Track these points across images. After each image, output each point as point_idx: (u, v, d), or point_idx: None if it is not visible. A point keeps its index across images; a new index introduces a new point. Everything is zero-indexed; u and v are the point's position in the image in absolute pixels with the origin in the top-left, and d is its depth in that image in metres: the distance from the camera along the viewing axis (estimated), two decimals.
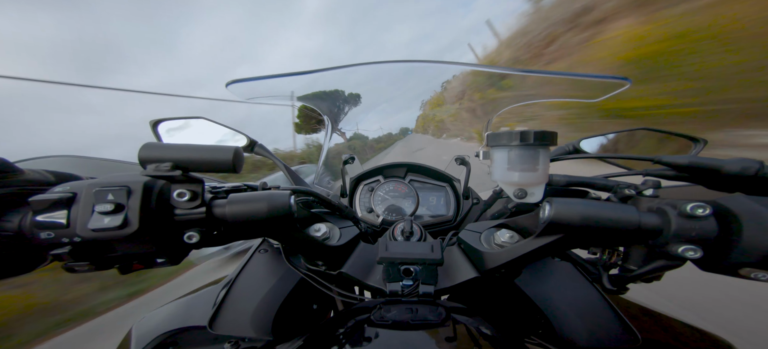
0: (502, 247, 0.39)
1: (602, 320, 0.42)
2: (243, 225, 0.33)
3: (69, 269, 0.28)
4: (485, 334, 0.31)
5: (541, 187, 0.37)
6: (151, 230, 0.28)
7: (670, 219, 0.27)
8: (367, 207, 0.75)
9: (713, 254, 0.26)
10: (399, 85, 0.89)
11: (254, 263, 0.55)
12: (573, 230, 0.29)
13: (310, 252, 0.40)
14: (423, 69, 0.83)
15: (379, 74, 0.72)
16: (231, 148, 0.30)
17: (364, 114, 0.99)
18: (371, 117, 1.04)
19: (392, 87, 0.90)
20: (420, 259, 0.38)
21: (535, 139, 0.34)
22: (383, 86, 0.88)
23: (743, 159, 0.33)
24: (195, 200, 0.31)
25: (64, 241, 0.27)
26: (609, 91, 0.67)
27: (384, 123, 1.11)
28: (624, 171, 0.51)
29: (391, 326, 0.30)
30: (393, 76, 0.80)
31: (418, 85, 0.94)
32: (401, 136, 1.22)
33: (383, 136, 1.16)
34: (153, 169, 0.29)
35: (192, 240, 0.31)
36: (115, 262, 0.30)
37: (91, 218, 0.26)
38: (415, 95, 1.02)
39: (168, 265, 0.32)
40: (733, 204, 0.26)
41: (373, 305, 0.34)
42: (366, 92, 0.89)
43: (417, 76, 0.87)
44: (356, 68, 0.76)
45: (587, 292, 0.46)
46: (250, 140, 0.75)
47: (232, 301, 0.47)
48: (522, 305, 0.46)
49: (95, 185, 0.27)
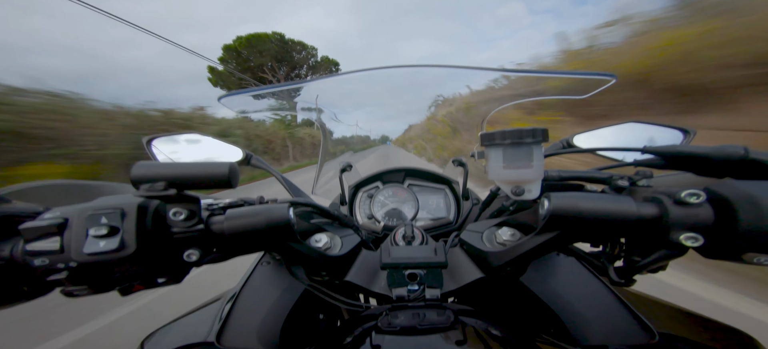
0: (504, 245, 0.39)
1: (614, 315, 0.41)
2: (242, 240, 0.33)
3: (67, 294, 0.28)
4: (495, 335, 0.31)
5: (538, 183, 0.38)
6: (149, 251, 0.28)
7: (667, 207, 0.27)
8: (367, 214, 0.75)
9: (714, 241, 0.27)
10: (394, 94, 0.90)
11: (257, 276, 0.54)
12: (573, 222, 0.30)
13: (312, 263, 0.39)
14: (419, 88, 0.84)
15: (377, 78, 0.73)
16: (225, 163, 0.30)
17: (352, 110, 0.99)
18: (357, 114, 1.03)
19: (387, 93, 0.90)
20: (424, 262, 0.38)
21: (527, 135, 0.34)
22: (380, 91, 0.88)
23: (728, 145, 0.34)
24: (192, 218, 0.31)
25: (59, 266, 0.26)
26: (595, 87, 0.69)
27: (366, 124, 1.11)
28: (616, 163, 0.52)
29: (400, 332, 0.30)
30: (390, 83, 0.80)
31: (411, 100, 0.94)
32: (379, 143, 1.22)
33: (362, 137, 1.16)
34: (146, 190, 0.29)
35: (192, 258, 0.30)
36: (115, 284, 0.29)
37: (86, 242, 0.26)
38: (406, 110, 1.03)
39: (169, 284, 0.31)
40: (724, 189, 0.27)
41: (379, 311, 0.34)
42: (359, 91, 0.88)
43: (412, 92, 0.88)
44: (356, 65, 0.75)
45: (595, 286, 0.45)
46: (246, 154, 0.74)
47: (237, 315, 0.47)
48: (530, 304, 0.46)
49: (87, 209, 0.27)
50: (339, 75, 0.73)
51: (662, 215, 0.28)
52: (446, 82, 0.86)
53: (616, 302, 0.43)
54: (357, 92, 0.89)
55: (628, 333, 0.39)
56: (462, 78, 0.83)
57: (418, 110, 1.03)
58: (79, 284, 0.27)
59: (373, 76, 0.71)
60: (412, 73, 0.76)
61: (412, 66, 0.72)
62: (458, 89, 0.93)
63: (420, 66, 0.73)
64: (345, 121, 1.02)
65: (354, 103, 0.97)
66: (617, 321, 0.40)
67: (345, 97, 0.92)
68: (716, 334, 0.41)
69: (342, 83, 0.81)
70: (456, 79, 0.84)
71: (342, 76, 0.73)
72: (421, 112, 1.04)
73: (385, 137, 1.22)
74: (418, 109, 1.03)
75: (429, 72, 0.76)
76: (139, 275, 0.29)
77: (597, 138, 0.70)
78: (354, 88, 0.86)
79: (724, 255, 0.27)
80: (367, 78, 0.71)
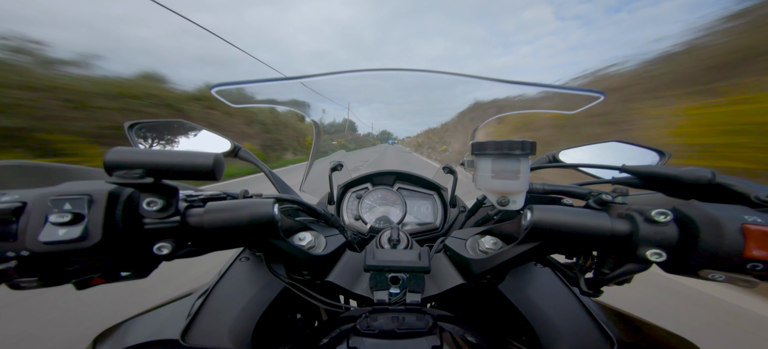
0: (486, 253, 0.40)
1: (580, 325, 0.43)
2: (222, 235, 0.32)
3: (13, 286, 0.25)
4: (471, 342, 0.31)
5: (523, 194, 0.38)
6: (115, 243, 0.26)
7: (638, 224, 0.29)
8: (354, 214, 0.75)
9: (676, 258, 0.28)
10: (402, 93, 0.89)
11: (234, 271, 0.53)
12: (553, 235, 0.31)
13: (294, 262, 0.39)
14: (425, 91, 0.84)
15: (382, 75, 0.72)
16: (210, 154, 0.28)
17: (356, 105, 0.98)
18: (362, 110, 1.02)
19: (394, 92, 0.90)
20: (407, 267, 0.39)
21: (516, 147, 0.35)
22: (388, 88, 0.88)
23: (697, 168, 0.36)
24: (167, 209, 0.29)
25: (8, 255, 0.24)
26: (585, 104, 0.72)
27: (369, 120, 1.10)
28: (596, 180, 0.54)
29: (378, 335, 0.30)
30: (397, 82, 0.80)
31: (417, 101, 0.94)
32: (378, 141, 1.20)
33: (363, 135, 1.15)
34: (120, 176, 0.27)
35: (163, 251, 0.29)
36: (71, 276, 0.27)
37: (43, 229, 0.24)
38: (411, 110, 1.02)
39: (134, 278, 0.29)
40: (689, 210, 0.28)
41: (359, 313, 0.34)
42: (363, 87, 0.87)
43: (419, 93, 0.88)
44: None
45: (566, 296, 0.47)
46: (234, 145, 0.73)
47: (208, 311, 0.45)
48: (506, 311, 0.47)
49: (50, 194, 0.25)
50: (338, 74, 0.72)
51: (632, 231, 0.29)
52: (455, 86, 0.86)
53: (583, 312, 0.45)
54: (361, 88, 0.88)
55: (591, 342, 0.41)
56: (467, 83, 0.84)
57: (423, 112, 1.03)
58: (28, 275, 0.25)
59: (377, 73, 0.71)
60: (418, 73, 0.76)
61: (398, 69, 0.73)
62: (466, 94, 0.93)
63: (407, 69, 0.74)
64: (343, 116, 1.01)
65: (358, 99, 0.96)
66: (582, 330, 0.43)
67: (349, 91, 0.91)
68: (665, 342, 0.44)
69: (345, 79, 0.80)
70: (467, 83, 0.85)
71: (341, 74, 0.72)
72: (427, 114, 1.05)
73: (387, 134, 1.19)
74: (424, 111, 1.03)
75: (434, 74, 0.77)
76: (101, 268, 0.27)
77: (581, 154, 0.72)
78: (358, 84, 0.85)
79: (683, 271, 0.28)
80: (371, 74, 0.71)
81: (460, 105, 0.93)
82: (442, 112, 1.03)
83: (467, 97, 0.91)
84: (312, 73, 0.75)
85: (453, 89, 0.87)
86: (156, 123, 0.70)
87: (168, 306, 0.49)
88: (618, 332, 0.42)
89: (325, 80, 0.76)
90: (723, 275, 0.27)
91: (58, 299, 1.77)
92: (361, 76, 0.74)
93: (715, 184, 0.34)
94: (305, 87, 0.82)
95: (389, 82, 0.80)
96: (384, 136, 1.19)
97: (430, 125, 1.13)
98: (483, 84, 0.78)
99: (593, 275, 0.34)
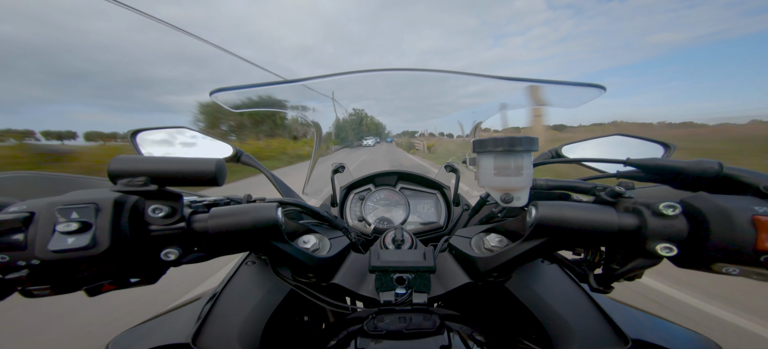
0: (491, 251, 0.40)
1: (592, 322, 0.42)
2: (227, 240, 0.32)
3: (26, 294, 0.26)
4: (479, 341, 0.31)
5: (526, 191, 0.38)
6: (123, 250, 0.26)
7: (646, 218, 0.28)
8: (357, 216, 0.75)
9: (687, 252, 0.28)
10: (393, 89, 0.89)
11: (241, 275, 0.53)
12: (559, 231, 0.30)
13: (299, 265, 0.39)
14: (417, 86, 0.84)
15: (379, 74, 0.73)
16: (212, 160, 0.29)
17: (347, 103, 0.98)
18: (353, 107, 1.02)
19: (386, 88, 0.90)
20: (413, 267, 0.38)
21: (519, 144, 0.35)
22: (379, 85, 0.88)
23: (704, 160, 0.35)
24: (172, 215, 0.29)
25: (19, 264, 0.25)
26: (586, 99, 0.71)
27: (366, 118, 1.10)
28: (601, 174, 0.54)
29: (386, 336, 0.30)
30: (389, 78, 0.81)
31: (409, 97, 0.94)
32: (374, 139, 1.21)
33: (362, 134, 1.15)
34: (125, 184, 0.28)
35: (170, 257, 0.29)
36: (82, 284, 0.28)
37: (52, 238, 0.24)
38: (402, 107, 1.02)
39: (143, 285, 0.30)
40: (698, 202, 0.28)
41: (366, 315, 0.34)
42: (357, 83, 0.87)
43: (411, 89, 0.88)
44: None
45: (576, 293, 0.46)
46: (236, 150, 0.73)
47: (217, 315, 0.45)
48: (514, 310, 0.46)
49: (57, 203, 0.26)
50: (337, 75, 0.72)
51: (641, 226, 0.29)
52: (447, 80, 0.86)
53: (594, 308, 0.44)
54: (355, 83, 0.88)
55: (604, 339, 0.40)
56: (466, 80, 0.84)
57: (415, 108, 1.03)
58: (40, 283, 0.26)
59: (376, 74, 0.71)
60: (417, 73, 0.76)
61: (395, 69, 0.73)
62: (457, 89, 0.94)
63: (411, 69, 0.74)
64: (342, 115, 1.01)
65: (352, 96, 0.96)
66: (594, 328, 0.42)
67: (338, 88, 0.91)
68: (684, 340, 0.43)
69: (341, 79, 0.81)
70: (457, 79, 0.85)
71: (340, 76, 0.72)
72: (419, 110, 1.05)
73: (387, 133, 1.20)
74: (416, 107, 1.03)
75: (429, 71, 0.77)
76: (110, 275, 0.28)
77: (583, 149, 0.72)
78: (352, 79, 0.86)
79: (696, 265, 0.28)
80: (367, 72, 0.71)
81: (453, 100, 0.93)
82: (435, 108, 1.03)
83: (460, 92, 0.91)
84: (313, 76, 0.75)
85: (444, 83, 0.87)
86: (159, 130, 0.70)
87: (178, 311, 0.50)
88: (632, 330, 0.40)
89: (326, 80, 0.76)
90: (737, 268, 0.26)
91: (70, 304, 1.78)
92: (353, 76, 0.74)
93: (722, 175, 0.33)
94: (306, 88, 0.82)
95: (380, 79, 0.81)
96: (383, 133, 1.21)
97: (422, 122, 1.14)
98: (481, 81, 0.78)
99: (602, 270, 0.34)
